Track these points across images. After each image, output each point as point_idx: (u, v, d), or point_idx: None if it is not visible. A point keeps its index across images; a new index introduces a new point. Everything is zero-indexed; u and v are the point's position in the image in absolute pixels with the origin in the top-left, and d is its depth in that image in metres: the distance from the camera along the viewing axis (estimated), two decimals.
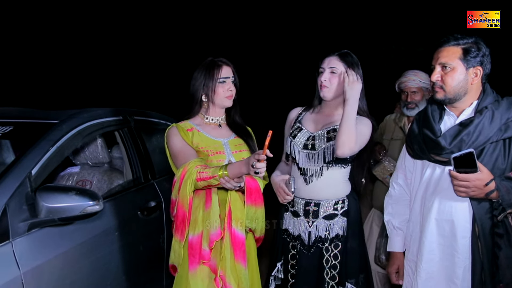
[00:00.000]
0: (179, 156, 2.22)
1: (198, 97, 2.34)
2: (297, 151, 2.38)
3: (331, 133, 2.34)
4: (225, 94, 2.31)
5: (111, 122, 2.79)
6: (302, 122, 2.47)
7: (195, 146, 2.24)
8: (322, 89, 2.34)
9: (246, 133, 2.43)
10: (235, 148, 2.33)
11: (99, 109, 2.79)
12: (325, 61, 2.37)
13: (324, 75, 2.34)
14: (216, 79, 2.29)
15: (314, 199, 2.36)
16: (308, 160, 2.35)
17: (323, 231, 2.35)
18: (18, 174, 2.09)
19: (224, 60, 2.36)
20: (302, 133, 2.40)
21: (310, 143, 2.36)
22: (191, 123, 2.34)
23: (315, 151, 2.33)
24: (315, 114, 2.47)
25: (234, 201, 2.23)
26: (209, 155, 2.23)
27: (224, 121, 2.42)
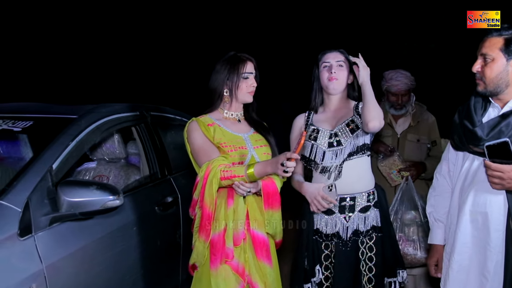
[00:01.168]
0: (200, 152, 2.23)
1: (220, 92, 2.33)
2: (322, 151, 2.41)
3: (351, 125, 2.40)
4: (247, 89, 2.32)
5: (128, 118, 2.84)
6: (315, 124, 2.50)
7: (216, 142, 2.23)
8: (331, 81, 2.40)
9: (264, 128, 2.44)
10: (256, 143, 2.34)
11: (116, 105, 2.85)
12: (328, 56, 2.45)
13: (334, 68, 2.41)
14: (241, 74, 2.30)
15: (349, 193, 2.39)
16: (336, 157, 2.37)
17: (360, 224, 2.41)
18: (39, 169, 2.14)
19: (247, 56, 2.38)
20: (322, 133, 2.44)
21: (334, 140, 2.40)
22: (211, 117, 2.33)
23: (343, 146, 2.37)
24: (322, 114, 2.52)
25: (251, 203, 2.25)
26: (231, 150, 2.22)
27: (242, 117, 2.44)
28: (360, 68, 2.29)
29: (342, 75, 2.42)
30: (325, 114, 2.50)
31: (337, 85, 2.42)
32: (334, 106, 2.49)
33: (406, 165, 3.40)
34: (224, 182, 2.12)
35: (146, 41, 9.90)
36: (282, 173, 1.96)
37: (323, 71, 2.43)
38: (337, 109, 2.48)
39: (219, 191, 2.22)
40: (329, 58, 2.44)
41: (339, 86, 2.43)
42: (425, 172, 3.46)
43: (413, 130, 3.56)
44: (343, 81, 2.43)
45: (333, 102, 2.49)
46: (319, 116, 2.52)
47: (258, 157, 2.28)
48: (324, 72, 2.43)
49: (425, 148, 3.56)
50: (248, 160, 2.24)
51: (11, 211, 1.93)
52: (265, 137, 2.39)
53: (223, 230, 2.19)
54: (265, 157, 2.30)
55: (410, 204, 3.18)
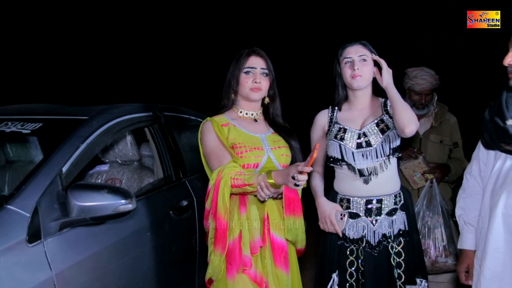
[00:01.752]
0: (211, 156, 2.18)
1: (229, 90, 2.31)
2: (350, 153, 2.33)
3: (381, 125, 2.32)
4: (249, 85, 2.25)
5: (141, 118, 2.78)
6: (340, 123, 2.42)
7: (231, 142, 2.18)
8: (355, 78, 2.30)
9: (286, 130, 2.35)
10: (274, 144, 2.26)
11: (129, 105, 2.79)
12: (349, 50, 2.34)
13: (356, 64, 2.30)
14: (241, 69, 2.26)
15: (376, 195, 2.32)
16: (364, 159, 2.30)
17: (387, 228, 2.32)
18: (48, 172, 2.09)
19: (256, 50, 2.31)
20: (350, 133, 2.36)
21: (363, 140, 2.32)
22: (227, 117, 2.29)
23: (372, 147, 2.29)
24: (347, 112, 2.43)
25: (270, 205, 2.18)
26: (245, 151, 2.17)
27: (260, 116, 2.37)
28: (383, 71, 2.22)
29: (366, 70, 2.32)
30: (351, 112, 2.42)
31: (362, 82, 2.32)
32: (361, 104, 2.40)
33: (430, 167, 3.29)
34: (235, 190, 2.06)
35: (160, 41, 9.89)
36: (293, 186, 1.89)
37: (345, 68, 2.34)
38: (363, 107, 2.40)
39: (231, 198, 2.16)
40: (351, 52, 2.33)
41: (364, 83, 2.33)
42: (448, 175, 3.36)
43: (435, 131, 3.46)
44: (368, 77, 2.33)
45: (359, 99, 2.40)
46: (344, 113, 2.43)
47: (275, 158, 2.21)
48: (347, 69, 2.33)
49: (448, 149, 3.47)
50: (264, 161, 2.17)
51: (19, 216, 1.88)
52: (285, 138, 2.31)
53: (237, 237, 2.12)
54: (284, 159, 2.24)
55: (436, 208, 3.07)
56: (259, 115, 2.37)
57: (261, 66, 2.28)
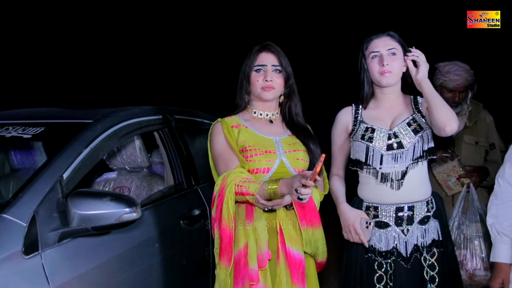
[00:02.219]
0: (219, 159, 2.10)
1: (242, 90, 2.22)
2: (379, 155, 2.19)
3: (413, 125, 2.19)
4: (260, 84, 2.14)
5: (149, 122, 2.68)
6: (366, 121, 2.28)
7: (240, 145, 2.09)
8: (384, 75, 2.16)
9: (305, 132, 2.22)
10: (289, 147, 2.14)
11: (136, 108, 2.70)
12: (376, 43, 2.20)
13: (385, 59, 2.16)
14: (252, 67, 2.16)
15: (407, 202, 2.17)
16: (395, 161, 2.17)
17: (419, 238, 2.18)
18: (48, 179, 2.00)
19: (267, 45, 2.20)
20: (379, 133, 2.22)
21: (394, 142, 2.18)
22: (240, 118, 2.20)
23: (404, 149, 2.16)
24: (374, 110, 2.30)
25: (283, 215, 2.04)
26: (255, 154, 2.06)
27: (276, 117, 2.25)
28: (420, 64, 2.08)
29: (395, 65, 2.17)
30: (378, 111, 2.27)
31: (391, 79, 2.18)
32: (389, 102, 2.26)
33: (467, 171, 3.09)
34: (238, 198, 1.97)
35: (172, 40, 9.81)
36: (296, 199, 1.78)
37: (373, 63, 2.19)
38: (392, 105, 2.26)
39: (239, 205, 2.06)
40: (378, 46, 2.18)
41: (393, 79, 2.19)
42: (487, 179, 3.15)
43: (469, 131, 3.26)
44: (398, 73, 2.19)
45: (388, 97, 2.26)
46: (370, 112, 2.30)
47: (288, 162, 2.09)
48: (374, 64, 2.19)
49: (483, 151, 3.27)
50: (276, 166, 2.05)
51: (15, 225, 1.79)
52: (304, 141, 2.17)
53: (243, 248, 1.99)
54: (299, 163, 2.11)
55: (473, 215, 2.89)
56: (275, 115, 2.25)
57: (273, 62, 2.16)
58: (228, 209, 1.97)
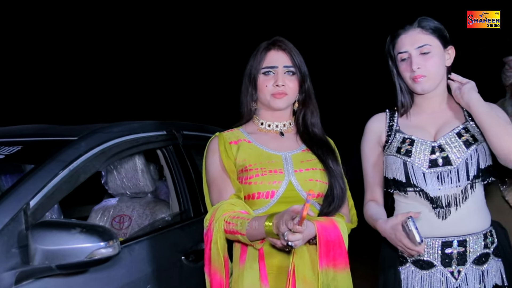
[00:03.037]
0: (212, 186, 1.84)
1: (247, 97, 1.92)
2: (420, 173, 1.82)
3: (464, 135, 1.84)
4: (270, 90, 1.84)
5: (149, 139, 2.37)
6: (404, 131, 1.93)
7: (240, 165, 1.81)
8: (417, 81, 1.84)
9: (323, 146, 1.89)
10: (301, 165, 1.82)
11: (135, 122, 2.41)
12: (403, 40, 1.86)
13: (415, 61, 1.82)
14: (259, 69, 1.86)
15: (458, 235, 1.79)
16: (439, 182, 1.81)
17: (476, 283, 1.78)
18: (9, 207, 1.70)
19: (276, 42, 1.88)
20: (420, 146, 1.85)
21: (440, 156, 1.82)
22: (242, 131, 1.92)
23: (452, 166, 1.79)
24: (413, 116, 1.96)
25: (300, 253, 1.70)
26: (257, 175, 1.77)
27: (289, 128, 1.93)
28: (463, 88, 1.81)
29: (430, 66, 1.82)
30: (419, 118, 1.93)
31: (428, 84, 1.85)
32: (432, 106, 1.93)
33: None
34: (229, 236, 1.71)
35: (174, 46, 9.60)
36: (284, 246, 1.53)
37: (402, 66, 1.87)
38: (436, 110, 1.93)
39: (235, 245, 1.79)
40: (405, 44, 1.84)
41: (430, 84, 1.85)
42: None
43: None
44: (436, 74, 1.84)
45: (431, 101, 1.92)
46: (409, 119, 1.96)
47: (299, 184, 1.77)
48: (405, 68, 1.86)
49: None
50: (283, 189, 1.75)
51: None
52: (321, 158, 1.85)
53: None
54: (314, 185, 1.79)
55: None
56: (288, 126, 1.93)
57: (285, 63, 1.86)
58: (217, 251, 1.70)
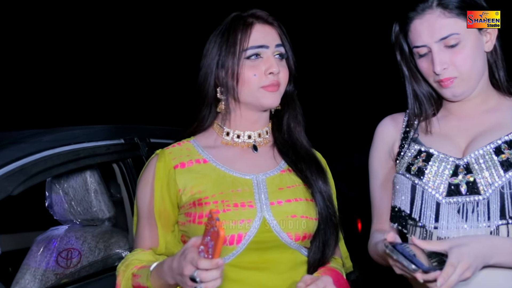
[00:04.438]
0: (138, 224, 1.49)
1: (208, 91, 1.48)
2: (433, 203, 1.45)
3: (506, 152, 1.44)
4: (261, 81, 1.43)
5: (98, 149, 1.98)
6: (422, 141, 1.55)
7: (190, 197, 1.41)
8: (446, 87, 1.46)
9: (310, 163, 1.51)
10: (279, 194, 1.43)
11: (80, 128, 2.05)
12: (418, 29, 1.46)
13: (438, 60, 1.43)
14: (241, 51, 1.44)
15: None
16: (463, 218, 1.43)
17: None
18: None
19: (259, 14, 1.48)
20: (438, 163, 1.49)
21: (463, 180, 1.44)
22: (196, 145, 1.50)
23: (480, 197, 1.41)
24: (440, 120, 1.58)
25: None
26: (217, 211, 1.38)
27: (267, 139, 1.52)
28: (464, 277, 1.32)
29: (463, 61, 1.43)
30: (447, 123, 1.55)
31: (462, 88, 1.46)
32: (466, 111, 1.53)
33: None
34: None
35: None
36: None
37: (423, 65, 1.48)
38: (473, 115, 1.53)
39: None
40: (422, 34, 1.44)
41: (466, 87, 1.46)
42: None
43: None
44: (472, 70, 1.44)
45: (465, 105, 1.52)
46: (433, 124, 1.58)
47: (277, 224, 1.40)
48: (427, 68, 1.47)
49: None
50: (254, 230, 1.38)
51: None
52: (308, 181, 1.47)
53: None
54: (298, 223, 1.42)
55: None
56: (263, 136, 1.52)
57: (276, 42, 1.47)
58: None
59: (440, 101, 1.58)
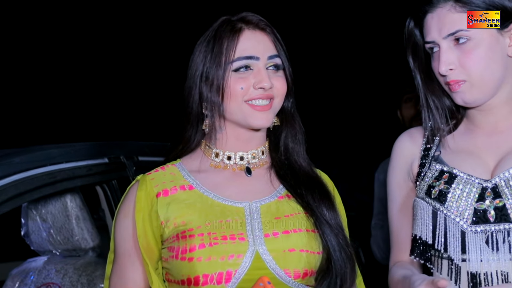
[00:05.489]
0: (115, 263, 1.36)
1: (193, 107, 1.39)
2: (458, 232, 1.41)
3: None
4: (247, 96, 1.34)
5: (78, 171, 1.89)
6: (444, 159, 1.49)
7: (173, 229, 1.31)
8: (453, 89, 1.42)
9: (314, 186, 1.41)
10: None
11: (57, 147, 1.95)
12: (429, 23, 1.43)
13: (444, 58, 1.38)
14: (227, 63, 1.33)
15: None
16: (492, 249, 1.39)
17: None
18: None
19: (250, 18, 1.37)
20: (462, 186, 1.43)
21: (492, 206, 1.41)
22: (181, 169, 1.41)
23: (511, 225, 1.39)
24: (466, 135, 1.51)
25: None
26: (202, 245, 1.28)
27: (262, 160, 1.43)
28: None
29: (473, 62, 1.37)
30: (472, 138, 1.49)
31: (472, 94, 1.41)
32: (492, 124, 1.47)
33: None
34: None
35: None
36: None
37: (433, 64, 1.44)
38: (501, 129, 1.46)
39: None
40: (431, 29, 1.41)
41: (477, 93, 1.40)
42: None
43: None
44: (484, 74, 1.39)
45: (489, 116, 1.47)
46: (457, 139, 1.51)
47: (272, 259, 1.30)
48: (435, 67, 1.43)
49: None
50: (246, 266, 1.29)
51: None
52: (311, 208, 1.36)
53: None
54: (295, 259, 1.32)
55: None
56: (258, 158, 1.42)
57: (269, 51, 1.36)
58: None
59: (464, 111, 1.49)
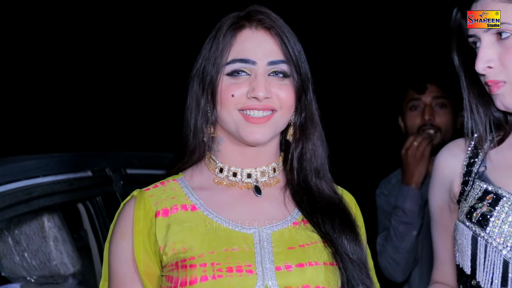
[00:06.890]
0: None
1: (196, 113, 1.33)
2: (500, 262, 1.34)
3: None
4: (239, 104, 1.24)
5: (58, 186, 1.78)
6: (490, 176, 1.41)
7: (173, 255, 1.20)
8: (492, 91, 1.34)
9: (335, 213, 1.29)
10: (289, 255, 1.23)
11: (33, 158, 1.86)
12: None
13: (482, 54, 1.31)
14: (220, 65, 1.25)
15: None
16: None
17: None
18: None
19: (254, 13, 1.24)
20: (508, 208, 1.35)
21: None
22: (183, 185, 1.30)
23: None
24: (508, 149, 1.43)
25: None
26: (204, 278, 1.19)
27: (274, 179, 1.31)
28: None
29: None
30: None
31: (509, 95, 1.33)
32: None
33: None
34: None
35: None
36: None
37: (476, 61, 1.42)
38: None
39: None
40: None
41: None
42: None
43: None
44: None
45: None
46: (502, 154, 1.42)
47: None
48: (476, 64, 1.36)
49: None
50: None
51: None
52: (330, 238, 1.26)
53: None
54: None
55: None
56: (269, 175, 1.31)
57: (270, 55, 1.24)
58: None
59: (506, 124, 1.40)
